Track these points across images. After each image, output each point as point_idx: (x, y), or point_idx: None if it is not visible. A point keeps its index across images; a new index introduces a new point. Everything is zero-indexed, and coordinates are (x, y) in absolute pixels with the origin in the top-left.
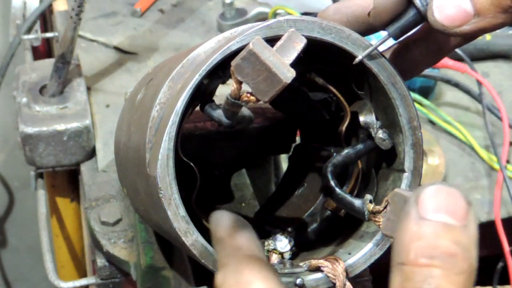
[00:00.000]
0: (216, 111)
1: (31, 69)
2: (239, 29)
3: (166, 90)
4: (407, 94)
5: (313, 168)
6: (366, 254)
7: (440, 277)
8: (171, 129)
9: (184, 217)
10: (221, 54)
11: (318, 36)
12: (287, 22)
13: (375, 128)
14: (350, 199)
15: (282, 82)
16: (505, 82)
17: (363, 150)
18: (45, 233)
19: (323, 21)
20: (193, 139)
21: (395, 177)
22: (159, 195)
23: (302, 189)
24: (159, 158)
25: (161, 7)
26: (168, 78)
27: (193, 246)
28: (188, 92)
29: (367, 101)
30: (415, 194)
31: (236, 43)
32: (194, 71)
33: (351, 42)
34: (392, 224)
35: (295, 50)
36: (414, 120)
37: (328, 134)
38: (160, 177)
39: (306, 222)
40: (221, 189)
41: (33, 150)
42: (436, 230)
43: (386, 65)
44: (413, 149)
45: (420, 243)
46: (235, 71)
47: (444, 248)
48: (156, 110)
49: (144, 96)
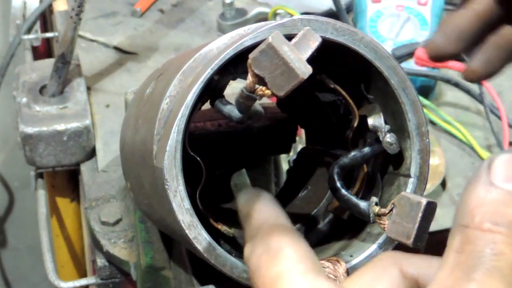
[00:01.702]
0: (227, 106)
1: (31, 69)
2: (253, 26)
3: (177, 84)
4: (417, 99)
5: (317, 171)
6: (369, 257)
7: (502, 244)
8: (180, 122)
9: (188, 210)
10: (233, 50)
11: (332, 37)
12: (301, 21)
13: (383, 132)
14: (356, 201)
15: (299, 77)
16: (505, 82)
17: (370, 153)
18: (45, 233)
19: (337, 22)
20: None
21: (400, 182)
22: (165, 186)
23: (306, 192)
24: (167, 150)
25: (161, 7)
26: (179, 72)
27: (196, 240)
28: (199, 86)
29: (376, 105)
30: (488, 160)
31: (249, 39)
32: (206, 65)
33: (363, 44)
34: (397, 226)
35: (310, 48)
36: (422, 126)
37: (335, 137)
38: (167, 169)
39: (308, 224)
40: (221, 189)
41: (33, 150)
42: (505, 198)
43: (397, 70)
44: (420, 155)
45: (486, 208)
46: (253, 64)
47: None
48: (166, 103)
49: (154, 90)
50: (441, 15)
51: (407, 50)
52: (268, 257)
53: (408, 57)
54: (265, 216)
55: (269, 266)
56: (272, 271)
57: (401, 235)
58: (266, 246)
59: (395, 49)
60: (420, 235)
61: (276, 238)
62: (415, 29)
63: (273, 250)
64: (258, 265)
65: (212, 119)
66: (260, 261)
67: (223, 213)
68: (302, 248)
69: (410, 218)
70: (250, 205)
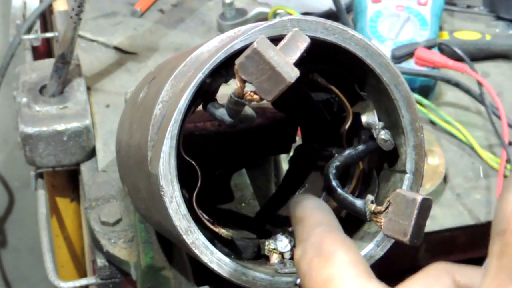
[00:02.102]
0: (219, 109)
1: (31, 69)
2: (243, 28)
3: (169, 89)
4: (410, 95)
5: (314, 169)
6: (367, 255)
7: None
8: (174, 127)
9: (185, 215)
10: (224, 53)
11: (322, 36)
12: (290, 22)
13: (377, 129)
14: (352, 200)
15: (286, 82)
16: (505, 82)
17: (365, 151)
18: (45, 233)
19: (326, 22)
20: (193, 139)
21: (397, 179)
22: (161, 193)
23: (303, 190)
24: (161, 156)
25: (161, 7)
26: (171, 77)
27: (194, 245)
28: (190, 90)
29: (369, 102)
30: None
31: (239, 42)
32: (197, 69)
33: (354, 42)
34: (394, 224)
35: (299, 50)
36: (416, 122)
37: (330, 135)
38: (162, 175)
39: None
40: (221, 189)
41: (33, 150)
42: None
43: (389, 66)
44: (415, 151)
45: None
46: (239, 70)
47: None
48: (159, 108)
49: (147, 95)
50: (441, 15)
51: (407, 50)
52: (320, 260)
53: (408, 57)
54: (318, 220)
55: (320, 269)
56: (323, 274)
57: (398, 232)
58: (318, 249)
59: (395, 49)
60: (417, 232)
61: (328, 242)
62: (415, 29)
63: (325, 254)
64: (309, 268)
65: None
66: (311, 264)
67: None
68: (354, 253)
69: (406, 216)
70: (302, 209)
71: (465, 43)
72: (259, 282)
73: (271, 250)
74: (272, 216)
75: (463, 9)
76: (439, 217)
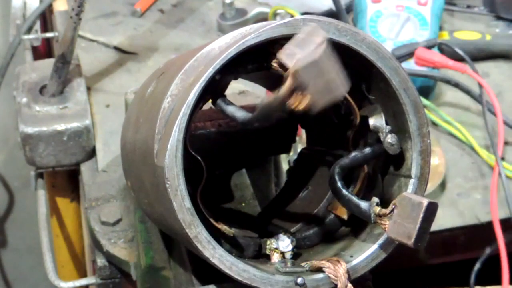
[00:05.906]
0: (229, 106)
1: (31, 69)
2: (255, 26)
3: (179, 83)
4: (418, 100)
5: (318, 171)
6: (369, 257)
7: None
8: (182, 121)
9: (189, 209)
10: (236, 49)
11: (334, 37)
12: (303, 21)
13: (384, 132)
14: (357, 201)
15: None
16: (505, 82)
17: (371, 154)
18: (45, 233)
19: (339, 23)
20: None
21: (401, 183)
22: (166, 185)
23: (306, 192)
24: (168, 149)
25: (161, 7)
26: (181, 71)
27: (196, 239)
28: (200, 84)
29: (377, 106)
30: None
31: (251, 38)
32: (208, 64)
33: (365, 45)
34: (398, 227)
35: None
36: (423, 127)
37: (336, 138)
38: (168, 168)
39: (309, 224)
40: (221, 189)
41: (33, 150)
42: None
43: (399, 70)
44: (421, 156)
45: None
46: (296, 76)
47: None
48: (167, 102)
49: (155, 89)
50: (441, 15)
51: (407, 50)
52: None
53: (408, 57)
54: None
55: None
56: None
57: (402, 235)
58: None
59: (395, 49)
60: (421, 235)
61: None
62: (415, 29)
63: None
64: None
65: (212, 119)
66: None
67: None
68: None
69: (411, 219)
70: None
71: (465, 43)
72: (259, 280)
73: (272, 249)
74: (274, 217)
75: (463, 9)
76: (439, 217)
